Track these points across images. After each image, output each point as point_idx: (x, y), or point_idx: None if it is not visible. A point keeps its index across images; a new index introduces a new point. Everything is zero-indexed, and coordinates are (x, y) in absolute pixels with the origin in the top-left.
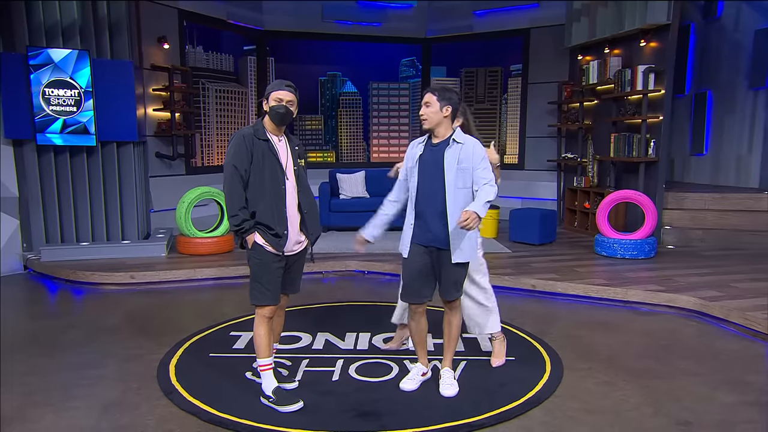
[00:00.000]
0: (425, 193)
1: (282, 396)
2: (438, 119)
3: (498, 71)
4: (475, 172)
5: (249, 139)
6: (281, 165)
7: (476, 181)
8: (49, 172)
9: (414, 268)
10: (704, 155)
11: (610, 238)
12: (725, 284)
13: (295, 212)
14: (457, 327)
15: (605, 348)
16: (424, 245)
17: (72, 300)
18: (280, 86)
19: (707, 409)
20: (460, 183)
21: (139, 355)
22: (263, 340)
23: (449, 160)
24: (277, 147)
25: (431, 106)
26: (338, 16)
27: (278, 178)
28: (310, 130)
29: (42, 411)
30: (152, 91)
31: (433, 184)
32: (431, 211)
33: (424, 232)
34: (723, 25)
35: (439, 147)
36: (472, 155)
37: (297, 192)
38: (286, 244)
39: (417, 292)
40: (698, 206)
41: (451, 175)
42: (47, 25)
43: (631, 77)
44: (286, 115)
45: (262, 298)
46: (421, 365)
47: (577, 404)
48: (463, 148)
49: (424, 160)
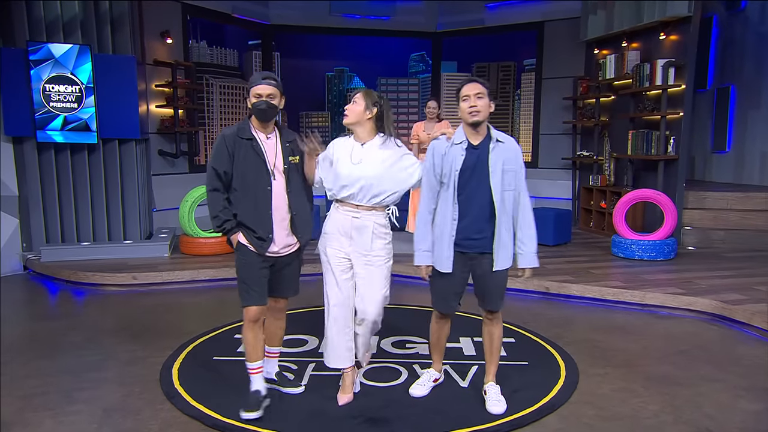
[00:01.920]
0: (470, 199)
1: (251, 400)
2: (487, 114)
3: (511, 66)
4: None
5: (230, 139)
6: (267, 165)
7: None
8: (49, 170)
9: (455, 281)
10: (726, 153)
11: (627, 239)
12: (748, 287)
13: (284, 214)
14: (499, 338)
15: (622, 353)
16: (464, 252)
17: (73, 301)
18: (258, 80)
19: (729, 417)
20: (506, 185)
21: (141, 358)
22: (250, 346)
23: (494, 162)
24: (264, 145)
25: (483, 98)
26: (346, 9)
27: (263, 179)
28: (317, 127)
29: (42, 415)
30: (155, 87)
31: (476, 189)
32: (477, 217)
33: (469, 239)
34: (747, 17)
35: (481, 148)
36: (515, 157)
37: (287, 192)
38: (273, 246)
39: (451, 303)
40: (720, 206)
41: (497, 177)
42: (48, 20)
43: (650, 72)
44: (267, 111)
45: (247, 297)
46: (434, 371)
47: (593, 411)
48: (506, 148)
49: (468, 164)
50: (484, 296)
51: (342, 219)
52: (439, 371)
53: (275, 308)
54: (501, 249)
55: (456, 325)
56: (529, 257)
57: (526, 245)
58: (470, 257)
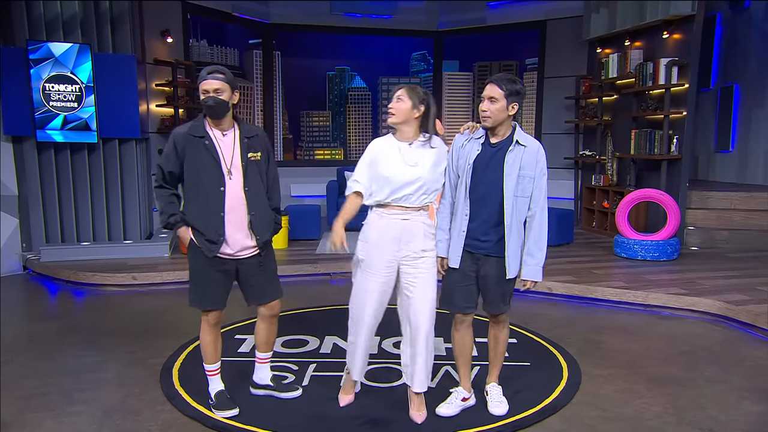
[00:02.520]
0: (480, 199)
1: (221, 401)
2: (502, 118)
3: (513, 65)
4: (535, 183)
5: (180, 139)
6: (220, 163)
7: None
8: (49, 169)
9: (461, 277)
10: (730, 152)
11: (630, 239)
12: (752, 288)
13: (241, 215)
14: (504, 342)
15: (625, 354)
16: (472, 252)
17: (72, 301)
18: (204, 75)
19: (733, 419)
20: (519, 191)
21: (141, 359)
22: (208, 348)
23: (510, 165)
24: (218, 143)
25: (497, 101)
26: (347, 8)
27: (215, 179)
28: (317, 127)
29: (41, 416)
30: (155, 86)
31: (491, 190)
32: (486, 220)
33: (476, 240)
34: (751, 15)
35: (499, 148)
36: (535, 163)
37: (244, 191)
38: (226, 248)
39: (456, 302)
40: (724, 206)
41: (511, 181)
42: (47, 18)
43: (653, 71)
44: (215, 108)
45: (197, 300)
46: (463, 389)
47: (595, 412)
48: (527, 152)
49: (482, 162)
50: (485, 299)
51: (390, 224)
52: (468, 390)
53: (267, 315)
54: (512, 256)
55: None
56: (533, 270)
57: (532, 257)
58: (476, 257)
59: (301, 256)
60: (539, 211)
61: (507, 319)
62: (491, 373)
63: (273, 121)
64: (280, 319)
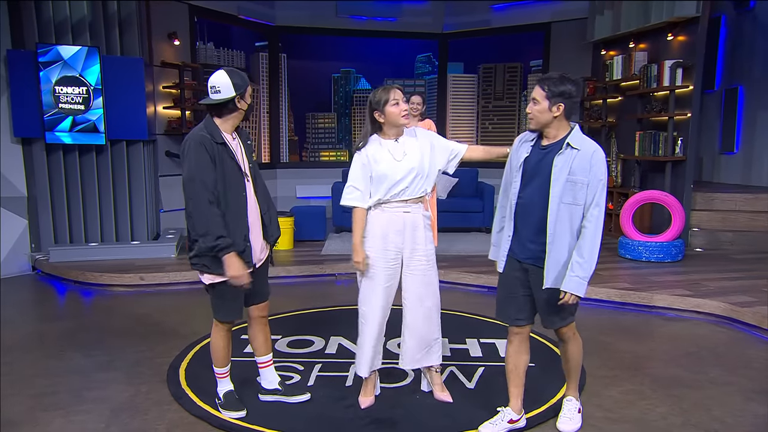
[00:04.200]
0: (526, 203)
1: (230, 401)
2: (546, 120)
3: (517, 67)
4: (589, 190)
5: (209, 145)
6: (241, 169)
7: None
8: (57, 171)
9: (507, 284)
10: (735, 154)
11: (634, 241)
12: (757, 289)
13: (256, 216)
14: (574, 358)
15: (630, 355)
16: (519, 260)
17: (80, 301)
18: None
19: (739, 421)
20: (567, 197)
21: (148, 359)
22: (221, 352)
23: (558, 168)
24: (234, 148)
25: (538, 103)
26: (352, 11)
27: (240, 183)
28: (322, 128)
29: (51, 415)
30: (162, 88)
31: (536, 194)
32: (530, 225)
33: (521, 246)
34: (756, 17)
35: (549, 150)
36: (589, 168)
37: (255, 193)
38: (254, 255)
39: (507, 313)
40: (728, 207)
41: (558, 187)
42: (57, 22)
43: (658, 72)
44: None
45: (225, 315)
46: (511, 409)
47: (600, 413)
48: (579, 156)
49: (530, 164)
50: (538, 311)
51: (393, 217)
52: (518, 411)
53: (260, 316)
54: (551, 266)
55: (462, 325)
56: (573, 282)
57: (573, 269)
58: (524, 266)
59: (307, 257)
60: (594, 222)
61: (570, 334)
62: (568, 385)
63: (279, 122)
64: (286, 320)
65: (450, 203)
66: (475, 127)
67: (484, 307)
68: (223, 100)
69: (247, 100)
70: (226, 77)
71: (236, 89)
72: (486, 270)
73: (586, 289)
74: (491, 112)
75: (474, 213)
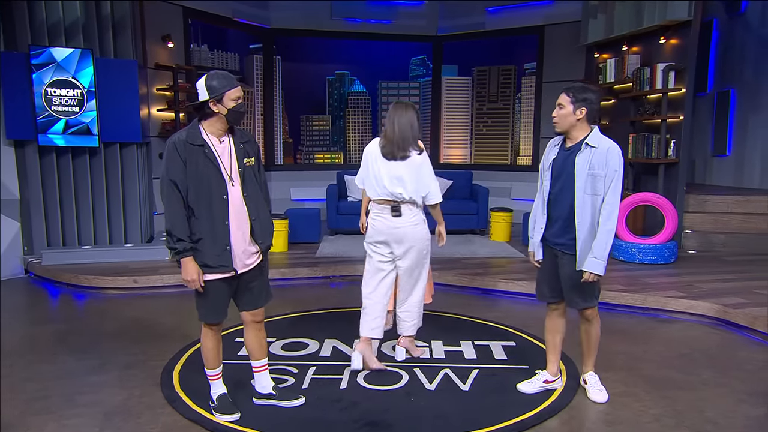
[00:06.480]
0: (556, 199)
1: (223, 404)
2: (570, 123)
3: (511, 70)
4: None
5: (181, 145)
6: (221, 172)
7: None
8: (50, 173)
9: (543, 268)
10: (727, 156)
11: (628, 242)
12: (750, 291)
13: (243, 223)
14: (594, 337)
15: (623, 356)
16: (552, 247)
17: (73, 305)
18: (233, 82)
19: (731, 422)
20: (590, 189)
21: (141, 362)
22: (210, 353)
23: (580, 165)
24: (217, 150)
25: (563, 107)
26: (347, 13)
27: (218, 188)
28: (317, 131)
29: (43, 419)
30: (156, 90)
31: (564, 190)
32: (561, 218)
33: (554, 235)
34: (747, 21)
35: (571, 151)
36: (605, 162)
37: (244, 197)
38: (237, 260)
39: (543, 292)
40: (721, 209)
41: (581, 181)
42: (50, 24)
43: (650, 76)
44: (243, 114)
45: (205, 315)
46: (547, 372)
47: (594, 415)
48: (596, 153)
49: (557, 164)
50: (564, 294)
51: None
52: (553, 374)
53: (254, 321)
54: (582, 252)
55: (456, 328)
56: (594, 263)
57: (593, 251)
58: (555, 254)
59: (301, 260)
60: (608, 207)
61: (593, 315)
62: (586, 363)
63: (273, 125)
64: (280, 322)
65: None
66: (469, 130)
67: (478, 310)
68: (198, 104)
69: (227, 104)
70: (203, 81)
71: (210, 92)
72: (480, 272)
73: (604, 268)
74: (485, 114)
75: (468, 215)
